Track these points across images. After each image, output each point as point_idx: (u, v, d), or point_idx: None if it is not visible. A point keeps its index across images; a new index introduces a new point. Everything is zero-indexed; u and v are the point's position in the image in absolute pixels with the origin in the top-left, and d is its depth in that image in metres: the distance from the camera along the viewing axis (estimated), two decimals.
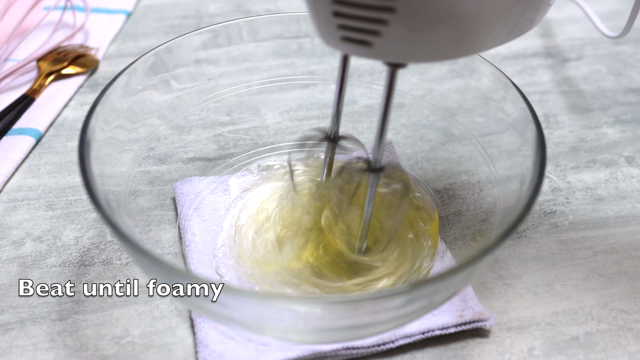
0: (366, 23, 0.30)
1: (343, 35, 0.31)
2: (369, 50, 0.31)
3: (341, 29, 0.30)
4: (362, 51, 0.31)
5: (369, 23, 0.30)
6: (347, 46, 0.31)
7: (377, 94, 0.55)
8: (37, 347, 0.40)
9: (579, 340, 0.40)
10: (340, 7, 0.30)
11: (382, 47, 0.30)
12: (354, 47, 0.31)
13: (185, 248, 0.44)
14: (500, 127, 0.44)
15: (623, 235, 0.47)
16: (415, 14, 0.29)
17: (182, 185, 0.48)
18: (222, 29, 0.49)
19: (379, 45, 0.30)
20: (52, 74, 0.61)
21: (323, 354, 0.38)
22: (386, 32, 0.30)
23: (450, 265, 0.43)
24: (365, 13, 0.29)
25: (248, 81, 0.52)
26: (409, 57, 0.32)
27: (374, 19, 0.29)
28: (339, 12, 0.30)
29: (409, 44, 0.30)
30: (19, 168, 0.52)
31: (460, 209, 0.47)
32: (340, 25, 0.30)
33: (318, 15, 0.31)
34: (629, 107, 0.59)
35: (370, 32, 0.30)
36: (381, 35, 0.30)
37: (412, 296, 0.32)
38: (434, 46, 0.31)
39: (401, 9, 0.29)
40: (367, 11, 0.29)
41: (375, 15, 0.29)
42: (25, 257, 0.45)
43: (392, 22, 0.29)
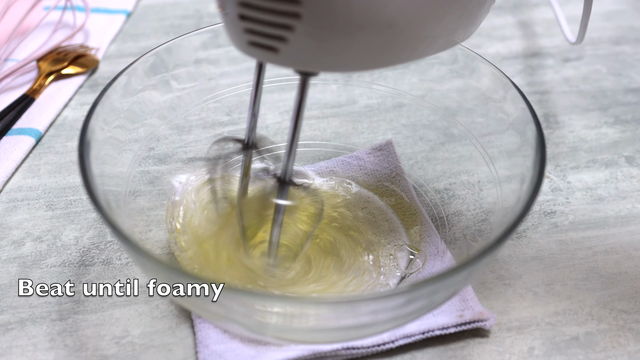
0: (272, 28, 0.29)
1: (250, 39, 0.30)
2: (276, 57, 0.30)
3: (248, 33, 0.30)
4: (269, 57, 0.30)
5: (275, 28, 0.29)
6: (255, 51, 0.31)
7: (377, 94, 0.55)
8: (37, 347, 0.40)
9: (579, 340, 0.40)
10: (246, 10, 0.29)
11: (289, 54, 0.30)
12: (261, 53, 0.30)
13: None
14: (500, 127, 0.44)
15: (623, 235, 0.47)
16: (321, 22, 0.28)
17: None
18: (222, 29, 0.48)
19: (285, 52, 0.30)
20: (52, 74, 0.61)
21: (323, 354, 0.38)
22: (292, 38, 0.29)
23: (450, 265, 0.43)
24: (271, 17, 0.29)
25: (248, 81, 0.52)
26: (318, 66, 0.31)
27: (279, 24, 0.29)
28: (244, 15, 0.29)
29: (317, 51, 0.29)
30: (19, 168, 0.52)
31: (460, 209, 0.47)
32: (246, 29, 0.30)
33: (226, 18, 0.31)
34: (629, 107, 0.59)
35: (276, 37, 0.29)
36: (287, 42, 0.29)
37: (412, 296, 0.32)
38: (343, 56, 0.30)
39: (306, 15, 0.28)
40: (273, 16, 0.28)
41: (280, 20, 0.28)
42: (25, 257, 0.45)
43: (297, 28, 0.28)
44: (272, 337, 0.38)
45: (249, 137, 0.40)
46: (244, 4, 0.29)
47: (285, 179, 0.36)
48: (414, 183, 0.49)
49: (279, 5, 0.28)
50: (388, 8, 0.28)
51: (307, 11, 0.28)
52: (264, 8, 0.28)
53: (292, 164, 0.36)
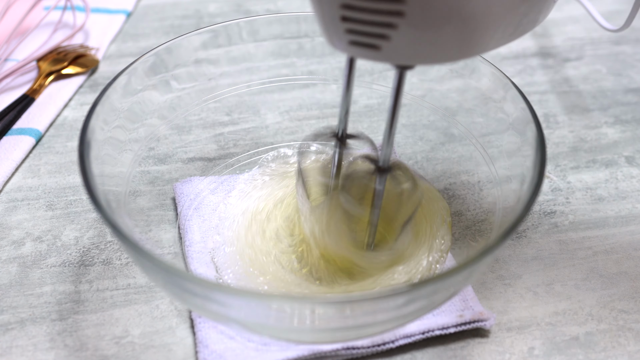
0: (375, 27, 0.30)
1: (351, 39, 0.31)
2: (377, 54, 0.31)
3: (349, 33, 0.30)
4: (371, 54, 0.31)
5: (378, 27, 0.29)
6: (355, 50, 0.31)
7: (377, 94, 0.55)
8: (37, 347, 0.40)
9: (579, 340, 0.40)
10: (348, 12, 0.29)
11: (391, 51, 0.30)
12: (362, 51, 0.31)
13: (185, 248, 0.44)
14: (500, 127, 0.44)
15: (623, 235, 0.47)
16: (423, 17, 0.29)
17: (182, 185, 0.48)
18: (222, 29, 0.49)
19: (387, 49, 0.30)
20: (52, 74, 0.61)
21: (323, 354, 0.38)
22: (395, 35, 0.29)
23: (450, 265, 0.43)
24: (374, 17, 0.29)
25: (248, 81, 0.52)
26: (417, 60, 0.32)
27: (382, 23, 0.29)
28: (347, 16, 0.30)
29: (417, 46, 0.30)
30: (19, 168, 0.52)
31: (460, 209, 0.47)
32: (348, 30, 0.30)
33: (325, 20, 0.31)
34: (629, 107, 0.59)
35: (379, 36, 0.30)
36: (390, 39, 0.30)
37: (412, 296, 0.32)
38: (441, 48, 0.31)
39: (410, 13, 0.28)
40: (376, 16, 0.29)
41: (384, 19, 0.29)
42: (25, 257, 0.45)
43: (400, 26, 0.29)
44: (272, 337, 0.38)
45: (340, 130, 0.41)
46: (347, 6, 0.29)
47: (384, 165, 0.37)
48: None
49: (383, 5, 0.29)
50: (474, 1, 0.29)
51: (411, 9, 0.28)
52: (368, 9, 0.29)
53: (391, 151, 0.37)
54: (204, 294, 0.33)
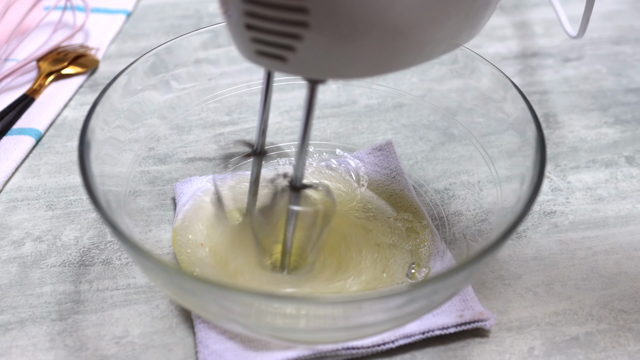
0: (279, 37, 0.29)
1: (257, 48, 0.30)
2: (284, 65, 0.30)
3: (255, 42, 0.30)
4: (278, 66, 0.30)
5: (283, 37, 0.29)
6: (262, 60, 0.30)
7: (377, 94, 0.55)
8: (37, 347, 0.40)
9: (579, 340, 0.40)
10: (252, 20, 0.29)
11: (298, 62, 0.29)
12: (269, 62, 0.30)
13: None
14: (500, 127, 0.44)
15: (623, 235, 0.47)
16: (329, 30, 0.28)
17: (182, 185, 0.48)
18: (222, 29, 0.49)
19: (294, 60, 0.29)
20: (52, 74, 0.61)
21: (323, 354, 0.38)
22: (300, 47, 0.28)
23: (450, 265, 0.43)
24: (278, 27, 0.28)
25: (248, 81, 0.52)
26: (326, 73, 0.31)
27: (287, 33, 0.28)
28: (251, 25, 0.29)
29: (326, 59, 0.29)
30: (19, 168, 0.52)
31: (460, 209, 0.47)
32: (253, 39, 0.29)
33: (232, 28, 0.30)
34: (629, 107, 0.59)
35: (284, 46, 0.29)
36: (295, 51, 0.29)
37: (412, 296, 0.32)
38: (352, 62, 0.29)
39: (314, 24, 0.28)
40: (280, 25, 0.28)
41: (288, 29, 0.28)
42: (25, 257, 0.45)
43: (305, 37, 0.28)
44: (272, 337, 0.38)
45: (258, 144, 0.39)
46: (251, 14, 0.28)
47: (297, 184, 0.36)
48: (414, 183, 0.49)
49: (286, 14, 0.28)
50: (392, 12, 0.28)
51: (315, 20, 0.27)
52: (272, 18, 0.28)
53: (303, 169, 0.35)
54: (204, 294, 0.33)
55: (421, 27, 0.29)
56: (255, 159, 0.40)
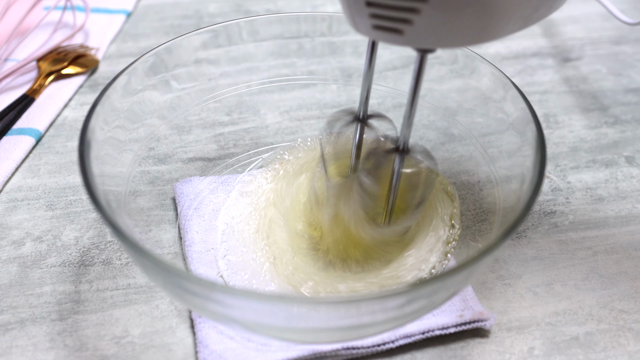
0: (398, 12, 0.30)
1: (375, 23, 0.31)
2: (400, 38, 0.31)
3: (373, 17, 0.31)
4: (393, 39, 0.32)
5: (402, 12, 0.30)
6: (379, 34, 0.32)
7: (377, 94, 0.55)
8: (37, 347, 0.40)
9: (579, 340, 0.40)
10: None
11: (413, 35, 0.31)
12: (385, 35, 0.32)
13: (186, 248, 0.44)
14: (500, 127, 0.44)
15: (623, 235, 0.47)
16: (445, 2, 0.29)
17: (182, 185, 0.48)
18: (222, 29, 0.49)
19: (410, 33, 0.31)
20: (52, 74, 0.61)
21: (323, 354, 0.38)
22: (417, 20, 0.30)
23: (450, 265, 0.43)
24: (398, 2, 0.30)
25: (248, 81, 0.52)
26: (438, 43, 0.32)
27: (406, 7, 0.30)
28: (372, 2, 0.30)
29: (438, 31, 0.31)
30: (19, 168, 0.52)
31: (460, 209, 0.47)
32: (372, 14, 0.31)
33: (350, 4, 0.32)
34: (629, 107, 0.59)
35: (402, 20, 0.30)
36: (412, 24, 0.30)
37: (412, 296, 0.32)
38: (461, 32, 0.31)
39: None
40: (400, 1, 0.30)
41: (408, 4, 0.30)
42: (25, 257, 0.45)
43: (423, 11, 0.30)
44: (272, 337, 0.38)
45: (361, 110, 0.41)
46: None
47: (403, 147, 0.38)
48: None
49: None
50: None
51: None
52: None
53: (409, 134, 0.38)
54: (204, 294, 0.33)
55: None
56: (358, 124, 0.42)
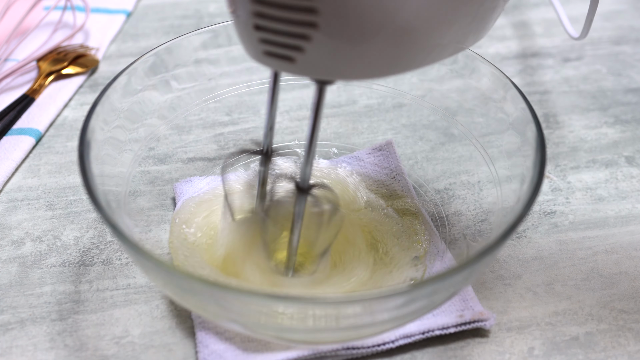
0: (288, 38, 0.29)
1: (265, 49, 0.30)
2: (292, 66, 0.30)
3: (263, 43, 0.29)
4: (286, 66, 0.30)
5: (291, 38, 0.29)
6: (270, 61, 0.30)
7: (377, 94, 0.55)
8: (37, 347, 0.40)
9: (579, 340, 0.40)
10: (261, 21, 0.29)
11: (306, 63, 0.29)
12: (277, 62, 0.30)
13: None
14: (500, 127, 0.44)
15: (623, 235, 0.47)
16: (338, 30, 0.28)
17: (182, 185, 0.48)
18: (222, 29, 0.49)
19: (302, 61, 0.29)
20: (52, 74, 0.61)
21: (323, 354, 0.38)
22: (309, 48, 0.28)
23: (450, 265, 0.43)
24: (287, 28, 0.28)
25: (248, 81, 0.52)
26: (335, 74, 0.30)
27: (296, 34, 0.28)
28: (260, 25, 0.29)
29: (334, 60, 0.29)
30: (19, 168, 0.52)
31: (460, 209, 0.47)
32: (262, 39, 0.29)
33: (240, 28, 0.30)
34: (629, 107, 0.59)
35: (293, 47, 0.29)
36: (304, 51, 0.29)
37: (412, 296, 0.32)
38: (360, 64, 0.29)
39: (323, 24, 0.28)
40: (289, 26, 0.28)
41: (297, 30, 0.28)
42: (25, 257, 0.45)
43: (314, 38, 0.28)
44: (272, 337, 0.38)
45: (266, 144, 0.39)
46: (260, 14, 0.28)
47: (303, 186, 0.36)
48: (414, 183, 0.49)
49: (295, 15, 0.28)
50: (402, 14, 0.28)
51: (324, 20, 0.27)
52: (281, 18, 0.28)
53: (310, 170, 0.35)
54: (204, 294, 0.33)
55: (429, 29, 0.29)
56: (262, 158, 0.40)
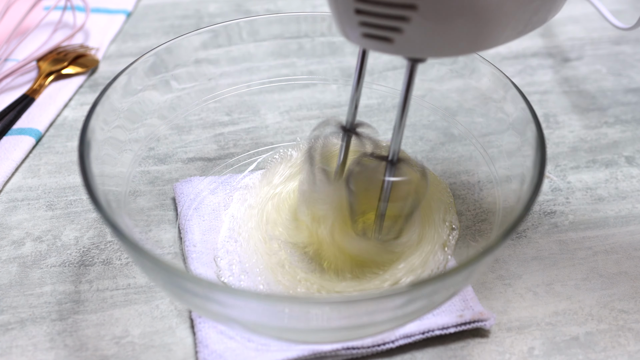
0: (388, 20, 0.30)
1: (364, 32, 0.31)
2: (390, 46, 0.31)
3: (363, 25, 0.31)
4: (383, 47, 0.32)
5: (391, 20, 0.30)
6: (369, 42, 0.32)
7: (377, 94, 0.55)
8: (37, 347, 0.40)
9: (579, 340, 0.40)
10: (362, 5, 0.30)
11: (403, 43, 0.31)
12: (375, 43, 0.32)
13: (185, 248, 0.44)
14: (500, 127, 0.44)
15: (623, 235, 0.47)
16: (435, 11, 0.29)
17: (182, 185, 0.48)
18: (222, 29, 0.49)
19: (399, 42, 0.31)
20: (52, 74, 0.61)
21: (323, 354, 0.38)
22: (407, 28, 0.30)
23: (450, 265, 0.43)
24: (388, 10, 0.30)
25: (248, 81, 0.52)
26: (429, 52, 0.32)
27: (395, 16, 0.30)
28: (361, 9, 0.30)
29: (429, 40, 0.31)
30: (19, 168, 0.52)
31: (460, 209, 0.47)
32: (361, 22, 0.31)
33: (340, 12, 0.32)
34: (629, 107, 0.59)
35: (392, 28, 0.30)
36: (402, 32, 0.30)
37: (412, 296, 0.32)
38: (453, 41, 0.31)
39: (422, 6, 0.29)
40: (389, 9, 0.30)
41: (397, 12, 0.30)
42: (25, 257, 0.45)
43: (413, 19, 0.30)
44: (272, 337, 0.38)
45: (349, 120, 0.41)
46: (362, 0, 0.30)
47: (393, 158, 0.38)
48: None
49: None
50: None
51: (424, 2, 0.29)
52: (382, 2, 0.30)
53: (400, 144, 0.37)
54: (204, 294, 0.33)
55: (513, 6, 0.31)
56: (344, 135, 0.42)
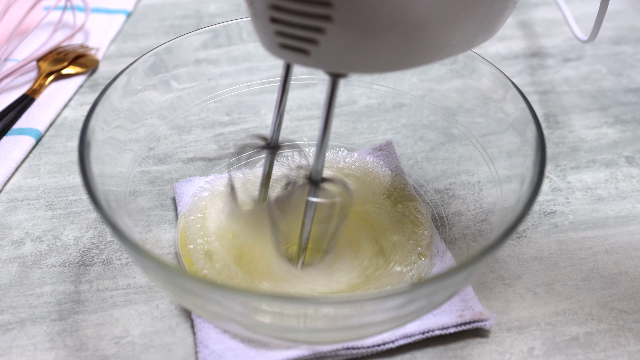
0: (303, 30, 0.29)
1: (281, 42, 0.30)
2: (307, 59, 0.30)
3: (279, 35, 0.30)
4: (300, 59, 0.30)
5: (306, 31, 0.29)
6: (285, 53, 0.31)
7: (377, 94, 0.55)
8: (37, 347, 0.40)
9: (579, 340, 0.40)
10: (277, 13, 0.29)
11: (321, 56, 0.30)
12: (292, 55, 0.30)
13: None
14: (500, 127, 0.44)
15: (623, 235, 0.47)
16: (352, 23, 0.28)
17: (182, 185, 0.48)
18: (222, 29, 0.49)
19: (317, 54, 0.30)
20: (52, 74, 0.61)
21: (323, 354, 0.38)
22: (323, 40, 0.29)
23: (450, 265, 0.43)
24: (302, 20, 0.29)
25: (248, 81, 0.52)
26: (349, 67, 0.31)
27: (310, 26, 0.29)
28: (276, 18, 0.29)
29: (348, 53, 0.30)
30: (19, 168, 0.52)
31: (460, 209, 0.47)
32: (277, 32, 0.30)
33: (257, 21, 0.31)
34: (629, 107, 0.59)
35: (308, 40, 0.29)
36: (319, 44, 0.29)
37: (412, 296, 0.32)
38: (374, 57, 0.30)
39: (337, 17, 0.28)
40: (304, 18, 0.29)
41: (311, 22, 0.29)
42: (25, 257, 0.45)
43: (328, 30, 0.29)
44: (272, 337, 0.38)
45: (272, 138, 0.40)
46: (275, 7, 0.29)
47: (316, 178, 0.36)
48: (414, 183, 0.49)
49: (310, 7, 0.28)
50: (415, 9, 0.28)
51: (339, 13, 0.28)
52: (296, 11, 0.29)
53: (322, 163, 0.36)
54: (204, 294, 0.33)
55: (440, 26, 0.30)
56: (268, 152, 0.41)
